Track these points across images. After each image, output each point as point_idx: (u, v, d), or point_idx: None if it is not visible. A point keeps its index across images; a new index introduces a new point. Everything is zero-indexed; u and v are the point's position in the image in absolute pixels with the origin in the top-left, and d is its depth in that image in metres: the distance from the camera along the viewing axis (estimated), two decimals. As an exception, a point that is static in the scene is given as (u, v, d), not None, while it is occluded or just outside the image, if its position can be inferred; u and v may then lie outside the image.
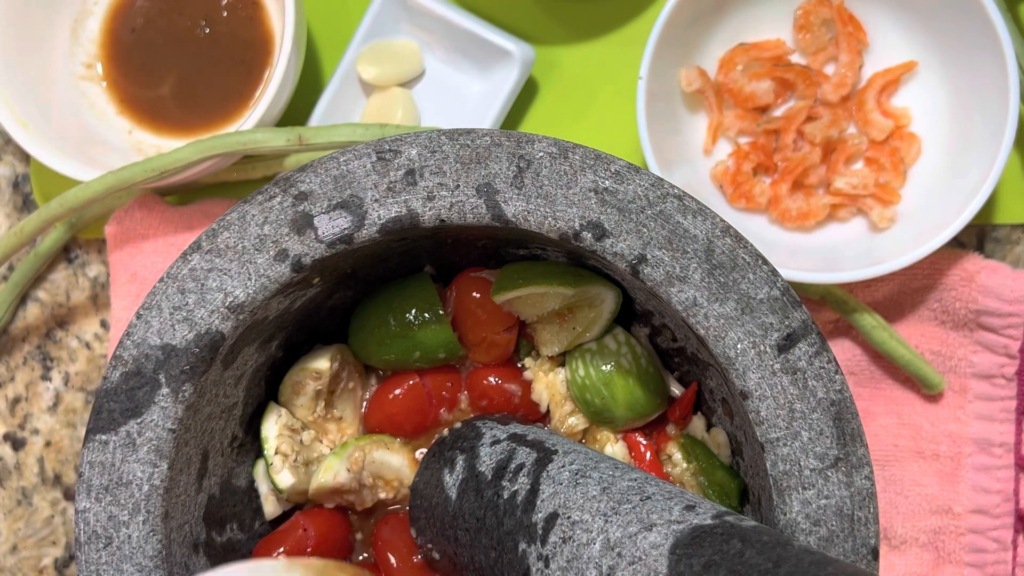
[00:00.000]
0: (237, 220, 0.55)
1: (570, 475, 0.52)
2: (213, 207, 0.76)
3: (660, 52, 0.69)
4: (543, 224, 0.53)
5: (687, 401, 0.61)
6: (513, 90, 0.73)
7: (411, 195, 0.54)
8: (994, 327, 0.70)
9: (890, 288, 0.72)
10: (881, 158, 0.71)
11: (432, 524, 0.59)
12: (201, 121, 0.76)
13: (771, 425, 0.51)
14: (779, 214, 0.72)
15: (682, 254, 0.52)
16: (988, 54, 0.66)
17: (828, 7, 0.72)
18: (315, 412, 0.63)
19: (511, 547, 0.52)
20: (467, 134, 0.54)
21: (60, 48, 0.78)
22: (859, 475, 0.50)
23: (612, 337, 0.61)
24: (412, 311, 0.61)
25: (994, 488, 0.70)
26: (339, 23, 0.79)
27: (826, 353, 0.51)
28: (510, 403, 0.63)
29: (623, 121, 0.75)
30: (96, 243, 0.81)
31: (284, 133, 0.70)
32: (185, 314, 0.54)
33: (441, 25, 0.74)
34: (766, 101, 0.73)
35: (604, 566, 0.46)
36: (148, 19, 0.77)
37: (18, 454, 0.81)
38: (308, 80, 0.79)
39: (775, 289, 0.52)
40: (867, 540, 0.50)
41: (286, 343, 0.62)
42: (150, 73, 0.77)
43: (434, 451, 0.62)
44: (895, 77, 0.72)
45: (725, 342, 0.52)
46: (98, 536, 0.54)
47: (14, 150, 0.83)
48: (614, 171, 0.53)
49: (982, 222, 0.74)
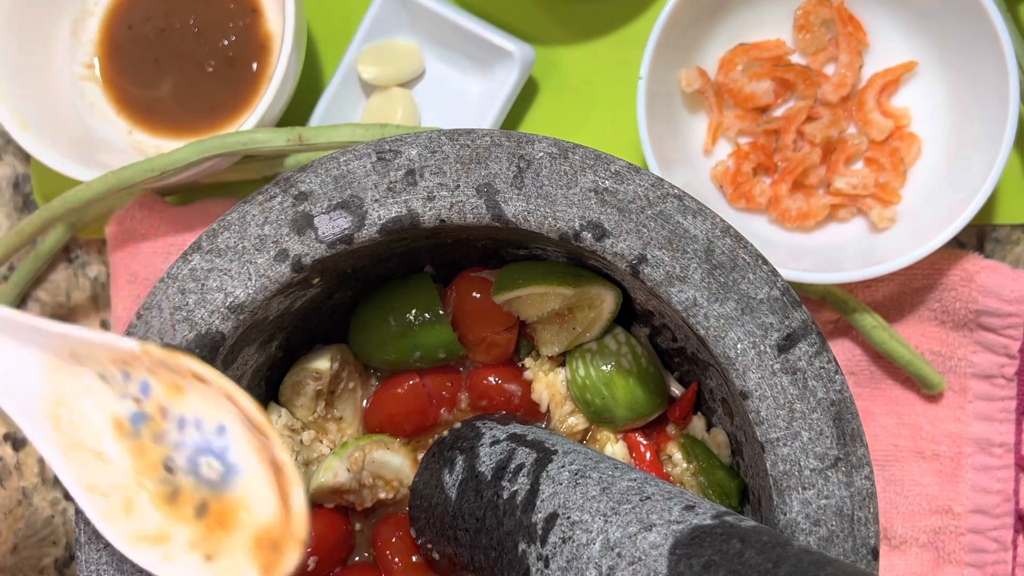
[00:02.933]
0: (237, 220, 0.55)
1: (570, 475, 0.52)
2: (213, 207, 0.76)
3: (660, 52, 0.69)
4: (543, 224, 0.53)
5: (687, 401, 0.61)
6: (513, 90, 0.73)
7: (411, 195, 0.54)
8: (994, 327, 0.70)
9: (890, 288, 0.72)
10: (881, 158, 0.71)
11: (432, 524, 0.59)
12: (201, 121, 0.76)
13: (771, 425, 0.51)
14: (779, 214, 0.72)
15: (682, 254, 0.52)
16: (988, 54, 0.66)
17: (828, 7, 0.72)
18: (315, 412, 0.63)
19: (511, 547, 0.52)
20: (467, 134, 0.54)
21: (60, 48, 0.78)
22: (859, 475, 0.50)
23: (612, 337, 0.61)
24: (412, 311, 0.61)
25: (994, 488, 0.70)
26: (339, 23, 0.79)
27: (826, 353, 0.51)
28: (510, 403, 0.63)
29: (623, 121, 0.75)
30: (96, 243, 0.81)
31: (284, 133, 0.70)
32: (185, 314, 0.54)
33: (441, 25, 0.74)
34: (766, 101, 0.73)
35: (604, 566, 0.46)
36: (148, 19, 0.77)
37: (18, 454, 0.81)
38: (308, 80, 0.79)
39: (775, 289, 0.52)
40: (867, 540, 0.50)
41: (286, 343, 0.62)
42: (150, 73, 0.77)
43: (434, 451, 0.62)
44: (895, 77, 0.72)
45: (725, 342, 0.52)
46: (98, 536, 0.54)
47: (14, 150, 0.83)
48: (614, 171, 0.53)
49: (982, 222, 0.74)
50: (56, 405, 0.51)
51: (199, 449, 0.51)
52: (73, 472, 0.50)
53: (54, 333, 0.50)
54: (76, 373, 0.51)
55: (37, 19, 0.77)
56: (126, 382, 0.51)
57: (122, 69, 0.78)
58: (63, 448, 0.50)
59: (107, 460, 0.51)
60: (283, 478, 0.48)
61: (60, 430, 0.50)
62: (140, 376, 0.51)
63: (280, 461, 0.48)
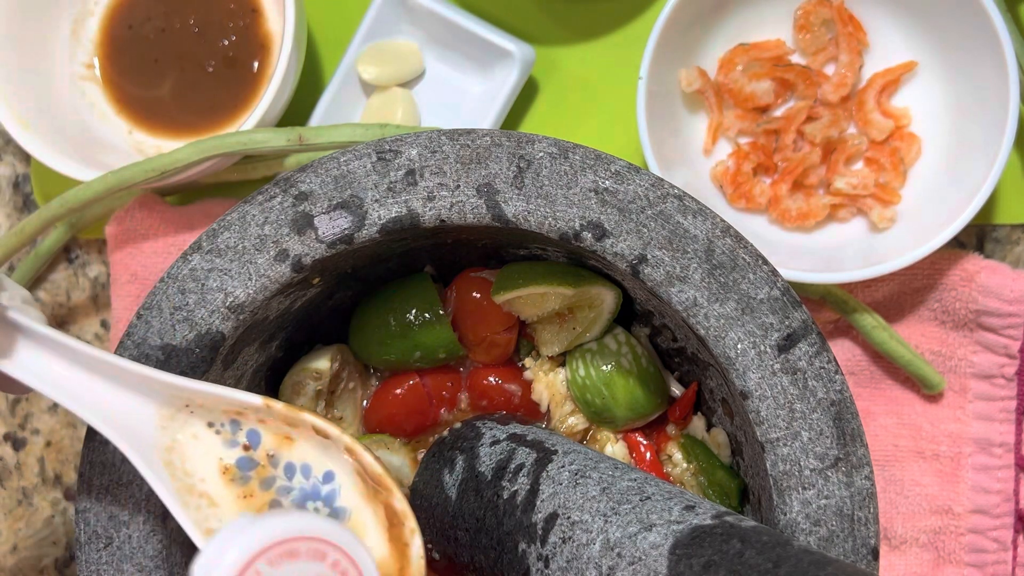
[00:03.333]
0: (237, 220, 0.55)
1: (570, 475, 0.52)
2: (213, 207, 0.76)
3: (660, 52, 0.69)
4: (543, 224, 0.53)
5: (687, 401, 0.61)
6: (513, 90, 0.73)
7: (411, 195, 0.54)
8: (994, 327, 0.70)
9: (890, 288, 0.72)
10: (881, 158, 0.71)
11: (432, 524, 0.59)
12: (201, 121, 0.76)
13: (771, 425, 0.51)
14: (779, 214, 0.72)
15: (682, 254, 0.52)
16: (988, 54, 0.66)
17: (828, 7, 0.72)
18: (315, 412, 0.63)
19: (511, 547, 0.52)
20: (467, 134, 0.54)
21: (60, 48, 0.78)
22: (859, 475, 0.50)
23: (612, 337, 0.61)
24: (412, 311, 0.61)
25: (994, 488, 0.70)
26: (339, 23, 0.79)
27: (826, 353, 0.51)
28: (510, 403, 0.63)
29: (623, 121, 0.75)
30: (96, 243, 0.81)
31: (284, 133, 0.70)
32: (185, 314, 0.54)
33: (441, 25, 0.74)
34: (766, 101, 0.73)
35: (604, 566, 0.46)
36: (148, 19, 0.77)
37: (18, 454, 0.81)
38: (308, 80, 0.79)
39: (775, 289, 0.52)
40: (867, 540, 0.50)
41: (286, 343, 0.62)
42: (150, 73, 0.77)
43: (434, 451, 0.62)
44: (895, 77, 0.72)
45: (725, 342, 0.52)
46: (98, 536, 0.54)
47: (14, 150, 0.83)
48: (614, 171, 0.53)
49: (982, 222, 0.74)
50: (169, 452, 0.51)
51: (306, 495, 0.52)
52: (191, 518, 0.51)
53: (172, 384, 0.51)
54: (187, 422, 0.52)
55: (37, 19, 0.77)
56: (235, 432, 0.52)
57: (122, 69, 0.78)
58: (180, 494, 0.51)
59: (216, 503, 0.52)
60: (400, 526, 0.51)
61: (176, 478, 0.51)
62: (249, 425, 0.52)
63: (399, 510, 0.51)
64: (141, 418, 0.51)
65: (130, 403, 0.51)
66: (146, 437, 0.51)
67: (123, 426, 0.50)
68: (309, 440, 0.52)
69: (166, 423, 0.51)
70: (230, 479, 0.52)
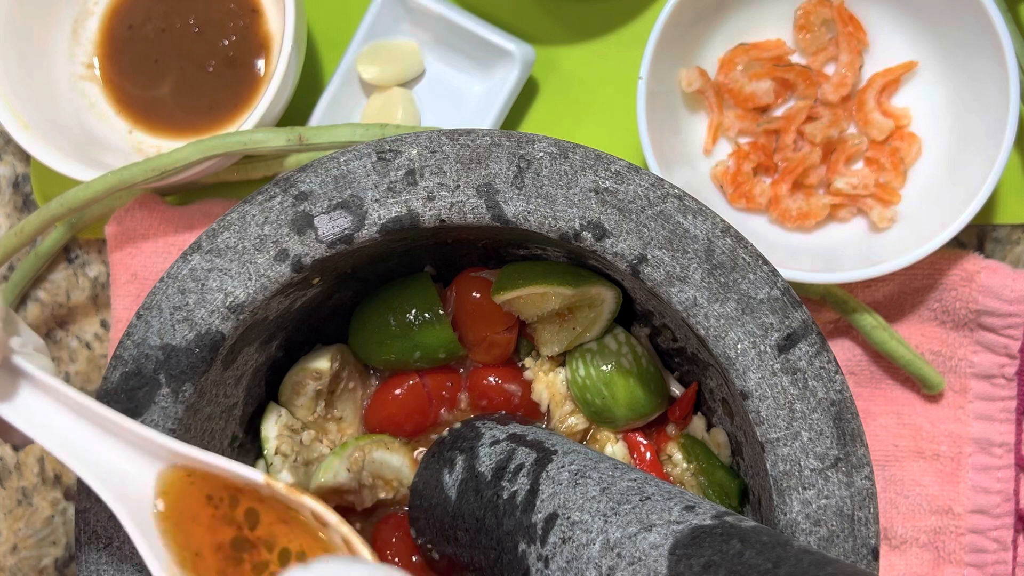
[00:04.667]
0: (237, 220, 0.55)
1: (570, 475, 0.52)
2: (213, 207, 0.76)
3: (660, 52, 0.69)
4: (543, 224, 0.53)
5: (687, 401, 0.61)
6: (513, 90, 0.73)
7: (411, 195, 0.54)
8: (994, 327, 0.70)
9: (890, 288, 0.72)
10: (881, 158, 0.71)
11: (432, 524, 0.59)
12: (201, 121, 0.76)
13: (771, 425, 0.51)
14: (779, 214, 0.72)
15: (682, 254, 0.52)
16: (988, 54, 0.66)
17: (828, 7, 0.72)
18: (315, 412, 0.63)
19: (511, 547, 0.52)
20: (467, 134, 0.54)
21: (60, 48, 0.78)
22: (859, 475, 0.50)
23: (612, 337, 0.61)
24: (412, 311, 0.61)
25: (994, 488, 0.70)
26: (339, 23, 0.79)
27: (826, 353, 0.51)
28: (510, 403, 0.63)
29: (623, 121, 0.75)
30: (96, 243, 0.81)
31: (284, 133, 0.70)
32: (185, 314, 0.54)
33: (441, 25, 0.74)
34: (766, 101, 0.73)
35: (604, 566, 0.46)
36: (148, 19, 0.77)
37: (18, 454, 0.81)
38: (308, 80, 0.79)
39: (775, 289, 0.52)
40: (867, 540, 0.50)
41: (286, 343, 0.62)
42: (150, 73, 0.77)
43: (434, 451, 0.62)
44: (895, 77, 0.72)
45: (725, 342, 0.52)
46: (98, 536, 0.54)
47: (14, 150, 0.83)
48: (614, 171, 0.53)
49: (982, 222, 0.74)
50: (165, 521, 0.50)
51: None
52: None
53: (176, 451, 0.49)
54: (186, 491, 0.50)
55: (37, 19, 0.77)
56: (232, 508, 0.51)
57: (122, 69, 0.78)
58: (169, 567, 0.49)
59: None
60: None
61: (169, 548, 0.50)
62: (248, 504, 0.51)
63: None
64: (140, 481, 0.50)
65: (131, 464, 0.50)
66: (143, 501, 0.49)
67: (120, 489, 0.49)
68: (307, 524, 0.51)
69: (166, 488, 0.50)
70: (223, 558, 0.50)
